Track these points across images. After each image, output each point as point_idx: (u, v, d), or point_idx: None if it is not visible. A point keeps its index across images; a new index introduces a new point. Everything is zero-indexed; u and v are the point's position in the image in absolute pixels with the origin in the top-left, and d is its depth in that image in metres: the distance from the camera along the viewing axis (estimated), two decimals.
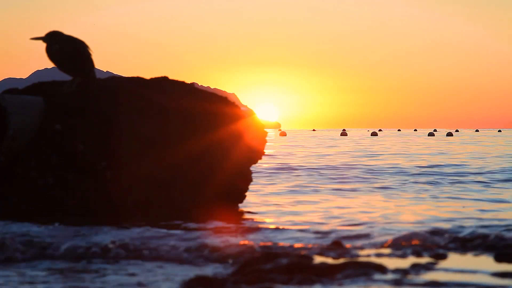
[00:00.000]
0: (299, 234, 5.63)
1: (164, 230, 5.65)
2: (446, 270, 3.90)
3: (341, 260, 3.93)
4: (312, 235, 5.57)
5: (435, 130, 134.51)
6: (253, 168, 7.88)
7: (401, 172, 14.12)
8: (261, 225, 6.42)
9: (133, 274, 4.11)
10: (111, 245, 4.80)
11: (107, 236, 5.33)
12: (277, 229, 6.08)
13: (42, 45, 6.99)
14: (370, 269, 3.75)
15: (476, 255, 4.46)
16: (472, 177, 12.66)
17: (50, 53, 6.94)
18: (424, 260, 4.17)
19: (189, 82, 7.63)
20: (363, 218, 6.82)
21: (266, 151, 8.03)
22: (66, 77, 7.17)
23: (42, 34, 6.98)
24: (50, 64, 7.11)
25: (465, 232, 5.05)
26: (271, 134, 76.49)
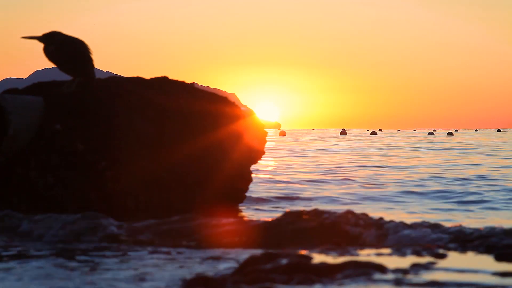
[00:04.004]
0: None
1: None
2: (446, 269, 3.90)
3: (341, 260, 3.93)
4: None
5: (434, 130, 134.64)
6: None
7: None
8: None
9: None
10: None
11: None
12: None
13: (42, 45, 6.98)
14: (370, 269, 3.75)
15: (476, 255, 4.46)
16: None
17: (47, 54, 6.94)
18: (424, 259, 4.17)
19: (189, 82, 7.63)
20: None
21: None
22: (66, 77, 7.17)
23: (41, 34, 6.97)
24: (50, 64, 7.12)
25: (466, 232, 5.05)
26: (271, 134, 76.51)
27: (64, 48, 6.94)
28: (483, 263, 4.15)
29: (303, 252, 4.49)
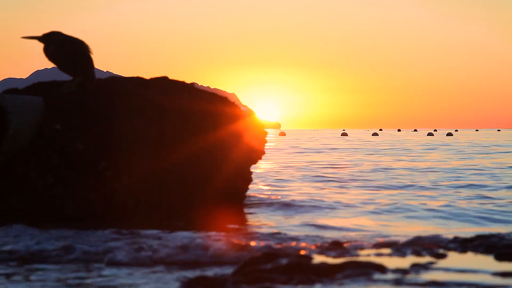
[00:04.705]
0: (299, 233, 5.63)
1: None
2: (446, 269, 3.90)
3: (341, 260, 3.93)
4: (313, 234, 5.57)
5: (435, 130, 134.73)
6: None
7: None
8: (260, 225, 6.43)
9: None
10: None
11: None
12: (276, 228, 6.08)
13: (42, 45, 6.98)
14: (370, 269, 3.74)
15: (476, 255, 4.46)
16: None
17: (47, 54, 6.94)
18: (424, 259, 4.17)
19: (189, 82, 7.63)
20: None
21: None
22: (66, 77, 7.17)
23: (41, 34, 6.96)
24: (50, 64, 7.11)
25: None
26: (271, 134, 76.56)
27: (64, 48, 6.93)
28: (483, 263, 4.15)
29: (303, 252, 4.49)
